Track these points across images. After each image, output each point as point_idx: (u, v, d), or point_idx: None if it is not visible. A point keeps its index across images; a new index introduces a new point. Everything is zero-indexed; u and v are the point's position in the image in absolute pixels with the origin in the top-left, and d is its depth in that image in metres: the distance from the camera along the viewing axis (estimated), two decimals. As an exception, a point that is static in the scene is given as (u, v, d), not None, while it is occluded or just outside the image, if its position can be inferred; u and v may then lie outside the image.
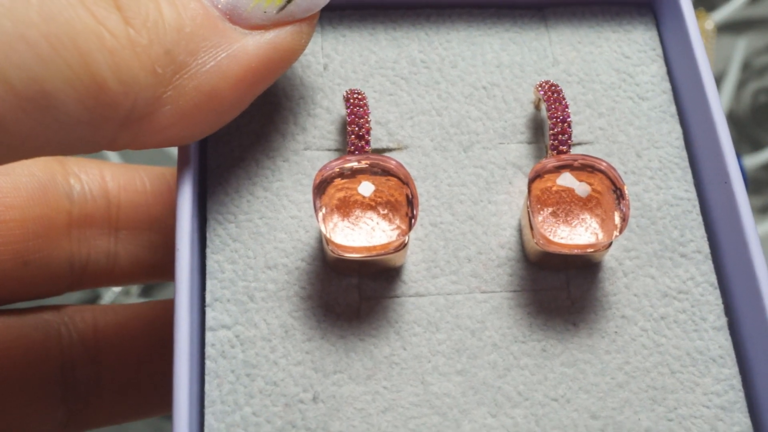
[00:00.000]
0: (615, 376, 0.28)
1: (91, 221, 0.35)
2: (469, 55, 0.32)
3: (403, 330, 0.28)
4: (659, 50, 0.33)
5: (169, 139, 0.27)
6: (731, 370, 0.28)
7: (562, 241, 0.27)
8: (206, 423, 0.26)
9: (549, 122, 0.29)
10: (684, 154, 0.31)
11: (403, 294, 0.29)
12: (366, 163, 0.28)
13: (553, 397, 0.27)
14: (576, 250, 0.27)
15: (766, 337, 0.27)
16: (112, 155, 0.62)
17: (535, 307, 0.29)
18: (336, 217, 0.27)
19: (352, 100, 0.29)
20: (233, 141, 0.30)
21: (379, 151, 0.31)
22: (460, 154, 0.31)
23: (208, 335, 0.28)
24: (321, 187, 0.27)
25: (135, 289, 0.60)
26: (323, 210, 0.27)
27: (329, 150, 0.31)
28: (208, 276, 0.28)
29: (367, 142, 0.29)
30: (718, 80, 0.62)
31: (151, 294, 0.60)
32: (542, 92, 0.30)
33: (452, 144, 0.31)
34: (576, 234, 0.28)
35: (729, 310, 0.29)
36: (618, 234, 0.27)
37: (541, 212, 0.28)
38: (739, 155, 0.59)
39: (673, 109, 0.32)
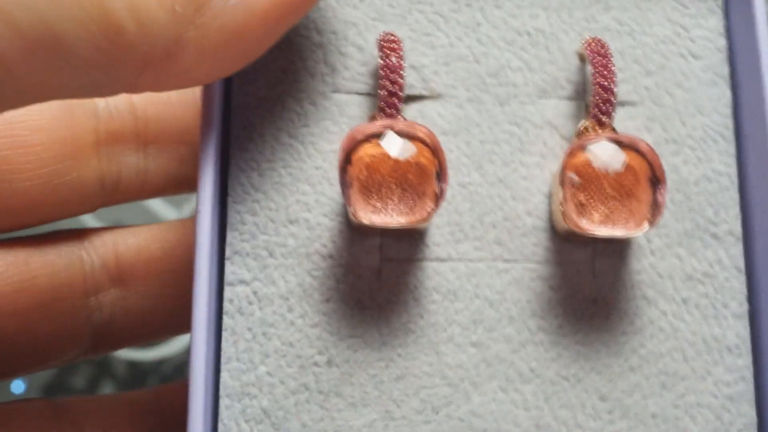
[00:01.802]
0: (628, 359, 0.28)
1: (119, 137, 0.34)
2: None
3: (422, 297, 0.28)
4: (718, 1, 0.30)
5: (193, 80, 0.26)
6: (745, 360, 0.28)
7: (591, 228, 0.27)
8: (222, 380, 0.27)
9: (592, 88, 0.28)
10: (730, 123, 0.29)
11: (425, 258, 0.28)
12: (397, 130, 0.26)
13: (564, 376, 0.28)
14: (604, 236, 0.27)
15: None
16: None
17: (557, 281, 0.28)
18: (362, 190, 0.26)
19: (386, 50, 0.27)
20: (259, 78, 0.29)
21: (411, 98, 0.29)
22: (496, 108, 0.29)
23: (227, 290, 0.27)
24: (347, 158, 0.26)
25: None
26: (349, 185, 0.26)
27: (359, 94, 0.29)
28: (228, 227, 0.28)
29: (400, 99, 0.27)
30: None
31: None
32: (588, 52, 0.28)
33: (488, 96, 0.29)
34: (607, 220, 0.27)
35: (753, 296, 0.29)
36: (649, 227, 0.26)
37: (573, 194, 0.27)
38: None
39: (725, 70, 0.30)
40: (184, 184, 0.36)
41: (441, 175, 0.26)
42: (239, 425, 0.27)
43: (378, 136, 0.26)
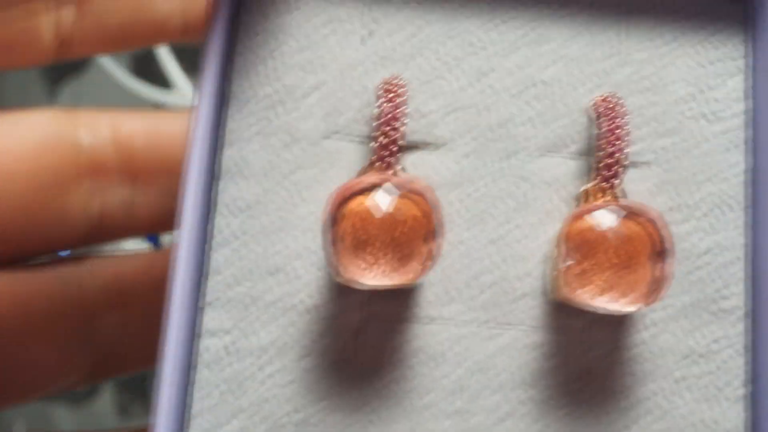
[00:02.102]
0: None
1: (102, 170, 0.34)
2: (529, 42, 0.28)
3: (405, 359, 0.27)
4: (742, 61, 0.29)
5: None
6: None
7: (588, 299, 0.25)
8: None
9: (596, 151, 0.26)
10: (743, 192, 0.28)
11: (411, 317, 0.27)
12: (393, 185, 0.25)
13: None
14: (601, 310, 0.25)
15: None
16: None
17: (549, 348, 0.27)
18: (350, 246, 0.25)
19: (387, 96, 0.26)
20: (256, 111, 0.27)
21: (412, 145, 0.28)
22: (499, 162, 0.28)
23: (203, 340, 0.26)
24: (335, 216, 0.25)
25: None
26: (336, 241, 0.25)
27: (353, 141, 0.28)
28: (211, 272, 0.27)
29: (396, 151, 0.26)
30: None
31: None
32: (596, 112, 0.26)
33: (493, 149, 0.28)
34: (605, 292, 0.25)
35: (756, 377, 0.27)
36: (651, 303, 0.25)
37: (573, 262, 0.25)
38: None
39: (743, 135, 0.28)
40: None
41: (436, 233, 0.25)
42: None
43: (370, 190, 0.25)
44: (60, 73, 0.69)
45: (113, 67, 0.63)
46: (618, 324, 0.27)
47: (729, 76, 0.28)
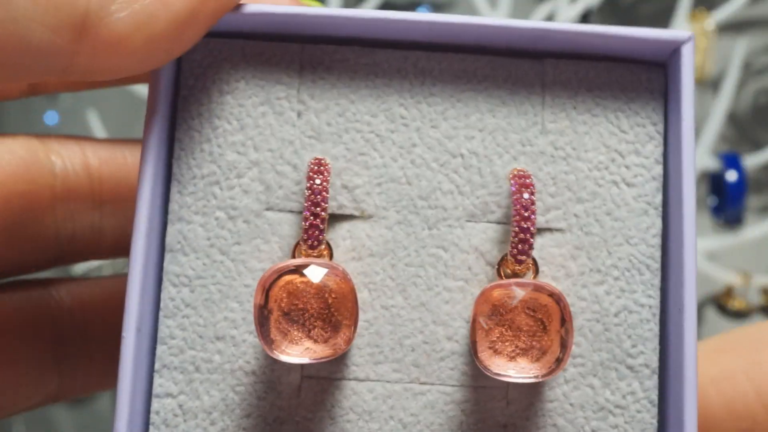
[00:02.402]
0: None
1: (74, 196, 0.36)
2: (453, 115, 0.30)
3: (338, 415, 0.29)
4: (661, 125, 0.30)
5: (129, 61, 0.27)
6: None
7: (500, 372, 0.27)
8: None
9: (511, 228, 0.28)
10: (658, 254, 0.30)
11: (344, 377, 0.29)
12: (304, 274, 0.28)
13: None
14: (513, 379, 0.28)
15: None
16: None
17: (470, 405, 0.29)
18: (280, 318, 0.27)
19: (311, 179, 0.28)
20: (197, 191, 0.30)
21: (342, 218, 0.30)
22: (424, 231, 0.30)
23: (154, 402, 0.29)
24: (266, 293, 0.27)
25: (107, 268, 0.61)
26: (267, 316, 0.27)
27: (291, 212, 0.30)
28: (159, 341, 0.29)
29: (321, 228, 0.28)
30: (718, 80, 0.59)
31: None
32: (514, 187, 0.28)
33: (417, 219, 0.30)
34: (518, 363, 0.28)
35: (663, 429, 0.29)
36: (556, 371, 0.27)
37: (485, 336, 0.28)
38: (738, 155, 0.57)
39: (658, 199, 0.30)
40: None
41: (351, 319, 0.27)
42: None
43: (295, 270, 0.27)
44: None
45: None
46: (536, 383, 0.29)
47: (646, 141, 0.30)
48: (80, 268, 0.59)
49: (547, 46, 0.30)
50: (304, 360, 0.27)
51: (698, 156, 0.57)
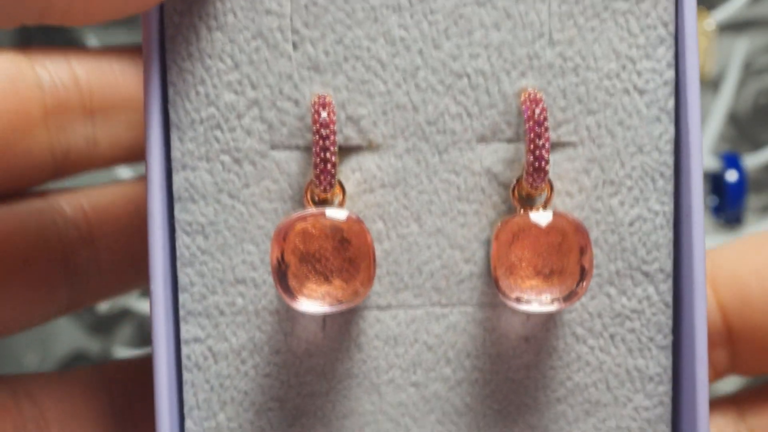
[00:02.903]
0: (556, 390, 0.30)
1: (65, 108, 0.35)
2: (456, 33, 0.29)
3: (364, 344, 0.30)
4: (672, 26, 0.29)
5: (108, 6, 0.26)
6: (665, 387, 0.30)
7: (521, 304, 0.28)
8: (186, 427, 0.30)
9: (526, 156, 0.28)
10: (670, 160, 0.30)
11: (366, 307, 0.30)
12: (322, 221, 0.27)
13: (496, 409, 0.30)
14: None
15: (692, 358, 0.29)
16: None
17: (491, 322, 0.30)
18: (298, 264, 0.28)
19: (315, 116, 0.27)
20: (198, 137, 0.29)
21: (350, 150, 0.29)
22: (434, 158, 0.29)
23: (184, 348, 0.30)
24: (282, 245, 0.27)
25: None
26: (285, 277, 0.27)
27: (298, 148, 0.29)
28: (180, 290, 0.30)
29: (333, 161, 0.28)
30: (718, 80, 0.56)
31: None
32: (526, 113, 0.28)
33: (427, 145, 0.29)
34: (536, 290, 0.28)
35: (677, 328, 0.30)
36: (576, 299, 0.28)
37: (506, 270, 0.28)
38: (738, 155, 0.55)
39: (670, 104, 0.29)
40: (138, 151, 0.37)
41: (359, 276, 0.27)
42: None
43: (308, 218, 0.27)
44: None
45: None
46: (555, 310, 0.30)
47: (657, 44, 0.29)
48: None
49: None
50: (325, 309, 0.28)
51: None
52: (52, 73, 0.35)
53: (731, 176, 0.54)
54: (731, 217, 0.54)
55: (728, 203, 0.53)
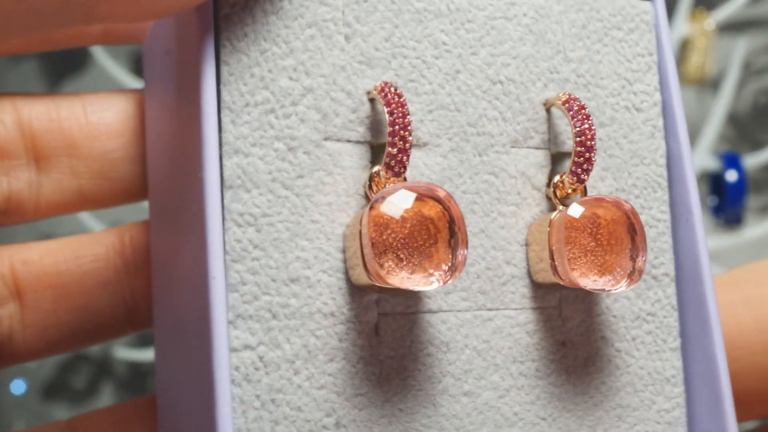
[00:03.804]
0: (593, 396, 0.30)
1: (7, 153, 0.32)
2: (489, 42, 0.30)
3: (418, 350, 0.28)
4: (655, 56, 0.33)
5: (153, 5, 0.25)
6: (680, 388, 0.32)
7: (585, 283, 0.28)
8: None
9: (575, 147, 0.29)
10: (665, 173, 0.32)
11: (418, 310, 0.28)
12: (420, 192, 0.26)
13: (542, 417, 0.30)
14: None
15: (712, 360, 0.31)
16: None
17: (532, 326, 0.30)
18: (381, 248, 0.26)
19: (393, 102, 0.27)
20: (252, 121, 0.27)
21: (398, 147, 0.29)
22: (475, 158, 0.30)
23: (233, 357, 0.26)
24: (370, 217, 0.25)
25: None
26: (374, 244, 0.25)
27: (350, 141, 0.28)
28: (229, 288, 0.26)
29: (408, 156, 0.27)
30: (718, 80, 0.59)
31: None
32: (570, 111, 0.29)
33: (468, 146, 0.30)
34: (591, 272, 0.29)
35: (683, 331, 0.32)
36: (630, 285, 0.29)
37: (565, 249, 0.28)
38: (739, 155, 0.58)
39: (660, 123, 0.33)
40: (84, 199, 0.34)
41: (460, 240, 0.26)
42: None
43: (396, 198, 0.26)
44: (60, 73, 0.60)
45: (113, 67, 0.59)
46: (585, 296, 0.31)
47: (646, 70, 0.33)
48: None
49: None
50: (401, 284, 0.26)
51: (698, 156, 0.55)
52: None
53: (731, 176, 0.54)
54: (731, 216, 0.55)
55: (728, 203, 0.54)
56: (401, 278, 0.26)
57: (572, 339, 0.30)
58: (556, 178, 0.30)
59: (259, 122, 0.27)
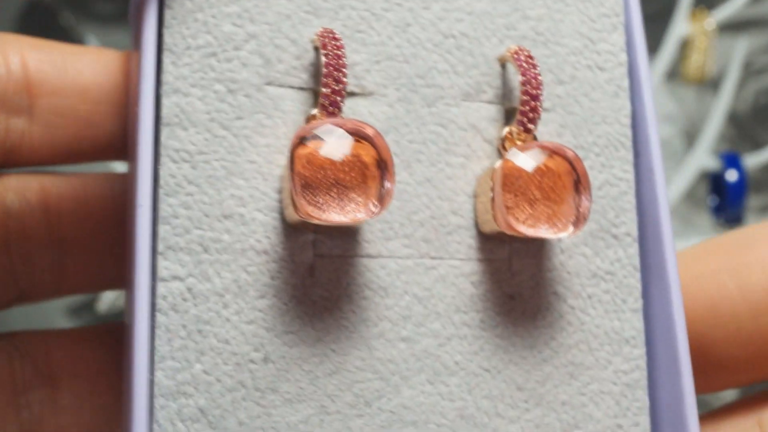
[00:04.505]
0: (541, 351, 0.30)
1: (30, 235, 0.33)
2: None
3: (354, 293, 0.28)
4: (622, 17, 0.33)
5: None
6: (640, 350, 0.31)
7: (523, 229, 0.28)
8: (156, 379, 0.26)
9: (521, 97, 0.29)
10: (629, 132, 0.32)
11: (355, 254, 0.29)
12: (346, 129, 0.27)
13: (486, 368, 0.29)
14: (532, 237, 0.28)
15: (671, 322, 0.30)
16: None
17: (477, 277, 0.30)
18: (304, 187, 0.26)
19: (329, 45, 0.27)
20: (193, 63, 0.28)
21: (348, 94, 0.29)
22: (423, 109, 0.30)
23: (160, 286, 0.27)
24: (292, 155, 0.26)
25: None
26: (300, 178, 0.26)
27: (293, 87, 0.29)
28: (160, 221, 0.27)
29: (343, 98, 0.28)
30: (718, 80, 0.59)
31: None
32: (518, 61, 0.29)
33: (417, 97, 0.30)
34: (535, 220, 0.28)
35: (645, 292, 0.31)
36: (574, 231, 0.28)
37: (507, 196, 0.28)
38: (739, 155, 0.58)
39: (626, 83, 0.32)
40: (106, 281, 0.35)
41: (387, 175, 0.26)
42: (175, 425, 0.26)
43: (322, 134, 0.26)
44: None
45: None
46: (537, 251, 0.30)
47: (611, 30, 0.32)
48: None
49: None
50: (332, 219, 0.26)
51: (698, 156, 0.55)
52: (22, 197, 0.33)
53: (731, 176, 0.54)
54: (731, 216, 0.54)
55: (728, 203, 0.53)
56: (328, 214, 0.26)
57: (521, 293, 0.30)
58: (505, 130, 0.30)
59: (200, 65, 0.28)
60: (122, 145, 0.35)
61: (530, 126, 0.29)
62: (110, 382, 0.33)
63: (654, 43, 0.58)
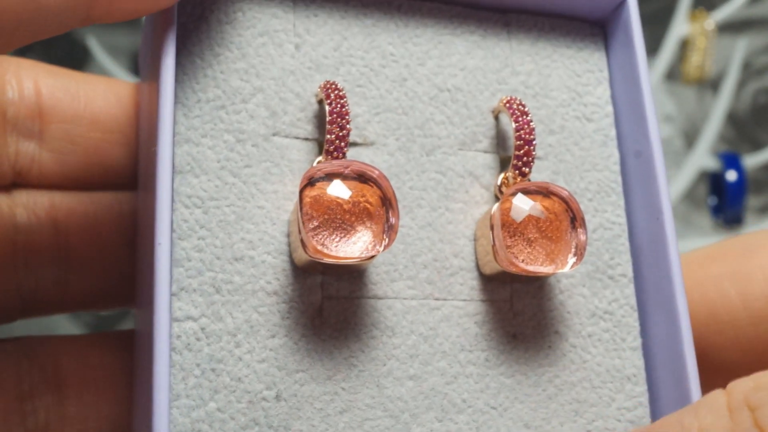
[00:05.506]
0: (546, 389, 0.30)
1: (37, 250, 0.34)
2: (437, 55, 0.32)
3: (362, 332, 0.29)
4: (606, 72, 0.34)
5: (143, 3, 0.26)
6: (642, 388, 0.31)
7: (523, 266, 0.29)
8: (172, 417, 0.26)
9: (515, 143, 0.30)
10: (619, 179, 0.33)
11: (363, 295, 0.29)
12: (352, 171, 0.28)
13: (492, 405, 0.30)
14: (533, 274, 0.29)
15: (674, 359, 0.30)
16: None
17: (481, 317, 0.30)
18: (316, 222, 0.27)
19: (333, 95, 0.29)
20: (203, 114, 0.29)
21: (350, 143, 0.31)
22: (422, 157, 0.31)
23: (175, 326, 0.27)
24: (305, 193, 0.27)
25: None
26: (308, 218, 0.27)
27: (298, 138, 0.30)
28: (174, 263, 0.28)
29: (346, 144, 0.29)
30: (718, 80, 0.60)
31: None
32: (510, 110, 0.31)
33: (415, 146, 0.31)
34: (534, 258, 0.29)
35: (644, 331, 0.32)
36: (576, 264, 0.29)
37: (506, 235, 0.29)
38: (738, 155, 0.58)
39: (613, 133, 0.34)
40: (110, 299, 0.36)
41: (391, 212, 0.28)
42: None
43: (332, 175, 0.28)
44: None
45: (113, 67, 0.61)
46: (537, 291, 0.31)
47: (597, 84, 0.34)
48: None
49: (511, 2, 0.34)
50: (339, 256, 0.27)
51: (698, 156, 0.55)
52: (31, 213, 0.34)
53: (731, 176, 0.54)
54: (731, 216, 0.53)
55: (728, 203, 0.52)
56: (336, 252, 0.27)
57: (524, 332, 0.31)
58: (501, 176, 0.31)
59: (210, 116, 0.29)
60: (131, 176, 0.35)
61: (525, 170, 0.31)
62: (116, 392, 0.33)
63: (654, 44, 0.57)
